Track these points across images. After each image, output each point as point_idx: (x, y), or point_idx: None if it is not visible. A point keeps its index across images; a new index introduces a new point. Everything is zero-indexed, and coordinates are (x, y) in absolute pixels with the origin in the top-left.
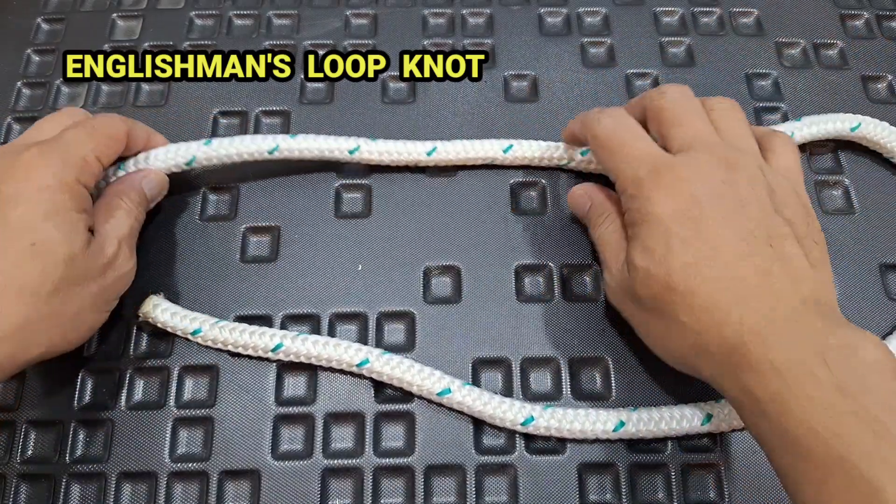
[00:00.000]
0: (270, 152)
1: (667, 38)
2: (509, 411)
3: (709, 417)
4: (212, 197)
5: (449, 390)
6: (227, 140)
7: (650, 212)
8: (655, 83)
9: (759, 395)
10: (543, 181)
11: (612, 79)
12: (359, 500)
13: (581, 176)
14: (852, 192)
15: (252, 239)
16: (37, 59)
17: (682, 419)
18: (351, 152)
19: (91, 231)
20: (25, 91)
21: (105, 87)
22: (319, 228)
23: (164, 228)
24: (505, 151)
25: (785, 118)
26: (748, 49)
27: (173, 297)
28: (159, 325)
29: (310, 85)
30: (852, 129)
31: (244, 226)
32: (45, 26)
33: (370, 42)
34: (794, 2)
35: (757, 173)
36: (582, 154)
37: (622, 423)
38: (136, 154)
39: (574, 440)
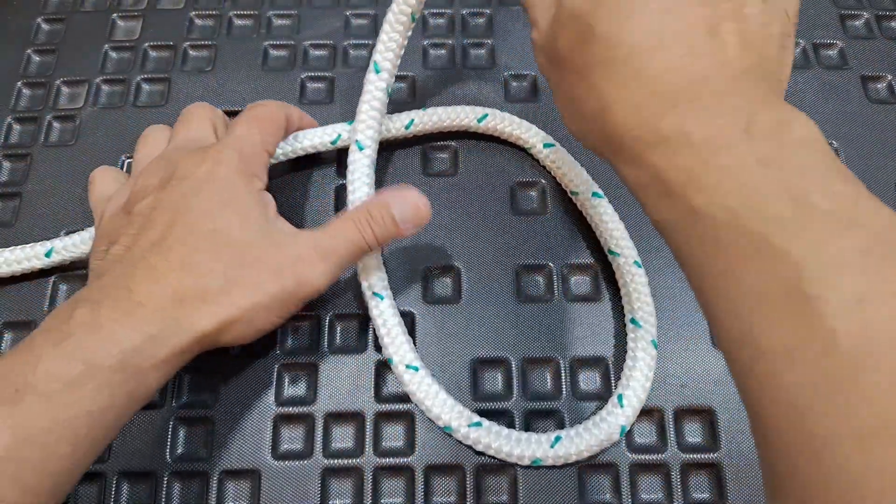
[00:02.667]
0: (333, 143)
1: None
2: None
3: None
4: None
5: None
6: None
7: None
8: None
9: (670, 175)
10: (543, 181)
11: None
12: (359, 500)
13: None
14: None
15: None
16: (37, 59)
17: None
18: (333, 142)
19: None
20: (25, 91)
21: (105, 88)
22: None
23: None
24: (479, 121)
25: None
26: None
27: None
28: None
29: (310, 85)
30: (479, 121)
31: None
32: (45, 26)
33: (370, 42)
34: None
35: None
36: (545, 146)
37: (558, 438)
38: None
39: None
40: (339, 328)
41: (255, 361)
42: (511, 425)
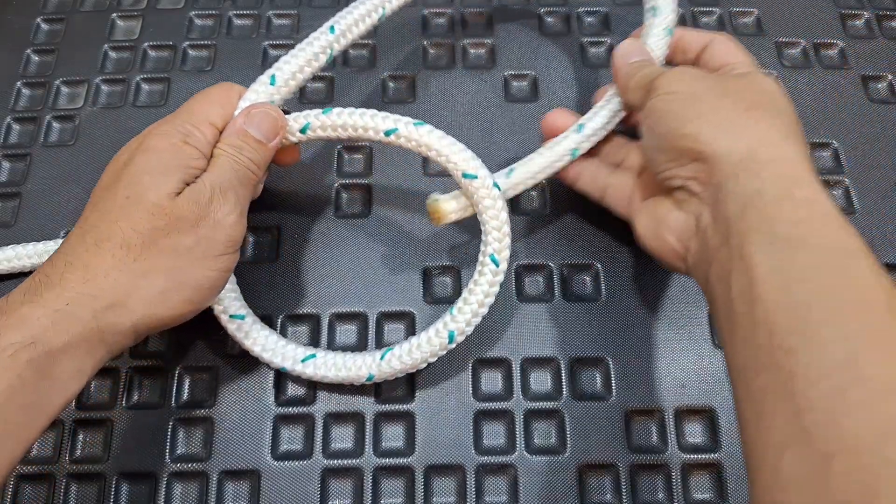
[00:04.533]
0: (387, 134)
1: None
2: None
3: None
4: None
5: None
6: (346, 111)
7: (669, 77)
8: None
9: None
10: (544, 181)
11: (611, 78)
12: (359, 500)
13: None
14: (852, 192)
15: (252, 239)
16: (36, 59)
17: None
18: (302, 131)
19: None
20: (25, 91)
21: (105, 88)
22: (319, 228)
23: None
24: (465, 177)
25: None
26: (748, 49)
27: None
28: None
29: (310, 85)
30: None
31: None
32: (44, 26)
33: (370, 42)
34: (794, 2)
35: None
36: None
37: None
38: None
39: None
40: (338, 328)
41: (255, 361)
42: (511, 425)
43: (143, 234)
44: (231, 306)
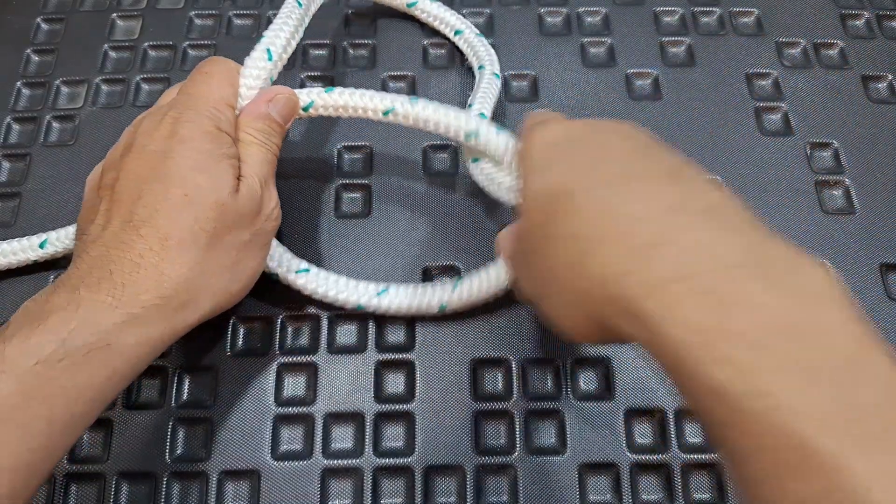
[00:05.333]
0: (385, 113)
1: (667, 38)
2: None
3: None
4: None
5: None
6: (347, 91)
7: (531, 145)
8: (655, 83)
9: (677, 332)
10: None
11: (612, 79)
12: (359, 500)
13: None
14: (852, 192)
15: None
16: (36, 58)
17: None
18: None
19: (238, 178)
20: (25, 91)
21: (104, 87)
22: (319, 228)
23: None
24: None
25: (785, 118)
26: (748, 49)
27: None
28: None
29: (310, 85)
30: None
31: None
32: (44, 26)
33: (370, 42)
34: (795, 1)
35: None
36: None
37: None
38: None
39: None
40: (339, 328)
41: (255, 361)
42: (511, 425)
43: (209, 233)
44: (293, 264)
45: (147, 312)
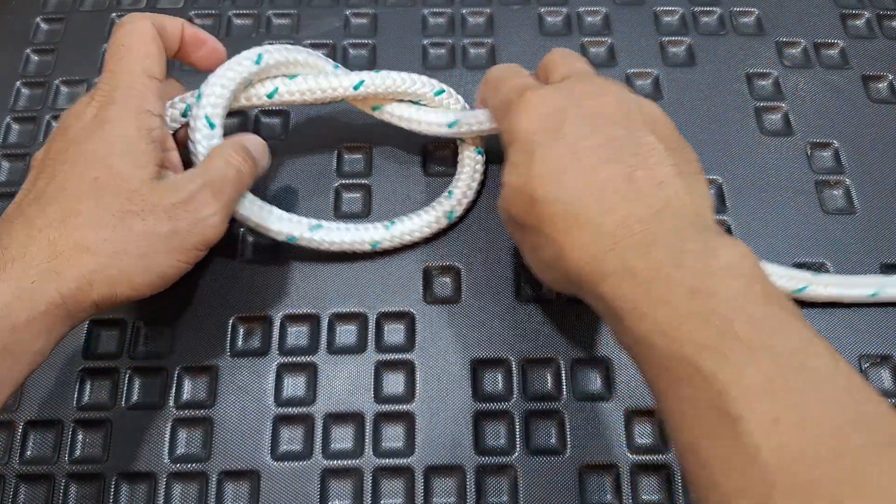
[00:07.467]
0: (356, 87)
1: (667, 38)
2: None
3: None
4: None
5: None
6: (311, 76)
7: (516, 129)
8: (656, 83)
9: (618, 304)
10: None
11: (612, 78)
12: (359, 500)
13: None
14: (852, 192)
15: (252, 239)
16: (36, 58)
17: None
18: (269, 96)
19: (170, 168)
20: (24, 91)
21: None
22: None
23: None
24: (356, 88)
25: (786, 118)
26: (748, 49)
27: (174, 296)
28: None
29: None
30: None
31: (244, 226)
32: (44, 26)
33: (370, 42)
34: (795, 1)
35: (628, 95)
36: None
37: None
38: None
39: None
40: (338, 328)
41: (255, 361)
42: (511, 425)
43: (115, 216)
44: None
45: (39, 287)
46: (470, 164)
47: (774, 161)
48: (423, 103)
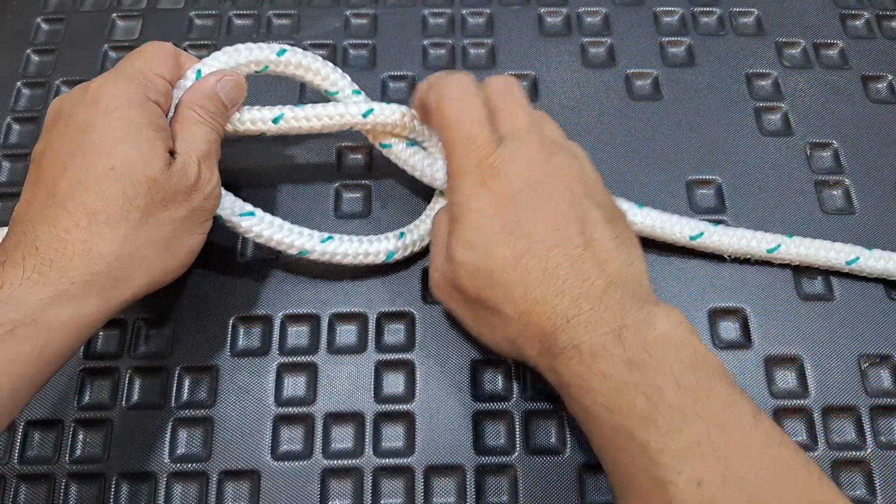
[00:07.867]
0: (365, 115)
1: (667, 38)
2: None
3: None
4: None
5: None
6: (319, 105)
7: (471, 207)
8: (655, 83)
9: (566, 378)
10: None
11: (612, 79)
12: (359, 500)
13: None
14: (852, 193)
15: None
16: (36, 59)
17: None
18: (274, 121)
19: (172, 153)
20: (25, 91)
21: None
22: (319, 228)
23: None
24: (364, 116)
25: (785, 118)
26: (748, 49)
27: (174, 296)
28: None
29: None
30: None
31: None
32: (44, 26)
33: (370, 42)
34: (795, 2)
35: (572, 162)
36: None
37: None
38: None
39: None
40: (339, 328)
41: (255, 361)
42: (511, 425)
43: (140, 208)
44: (237, 207)
45: (77, 289)
46: None
47: (774, 161)
48: (425, 145)
